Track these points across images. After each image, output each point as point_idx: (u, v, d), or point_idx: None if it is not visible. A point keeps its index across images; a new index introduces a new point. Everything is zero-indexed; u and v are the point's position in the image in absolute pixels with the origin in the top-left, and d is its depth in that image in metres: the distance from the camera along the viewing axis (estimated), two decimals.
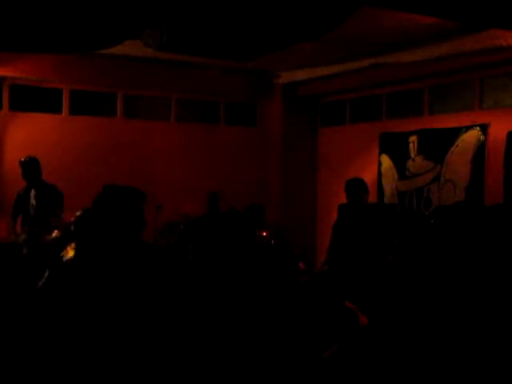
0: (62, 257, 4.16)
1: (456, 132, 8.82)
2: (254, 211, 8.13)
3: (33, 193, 7.76)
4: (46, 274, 3.99)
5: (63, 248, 4.28)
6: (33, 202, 7.75)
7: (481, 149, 8.51)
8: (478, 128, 8.57)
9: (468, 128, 8.70)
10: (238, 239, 4.14)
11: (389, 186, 9.83)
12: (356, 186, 7.18)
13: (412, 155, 9.47)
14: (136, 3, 5.92)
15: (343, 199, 7.39)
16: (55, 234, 7.43)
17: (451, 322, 5.12)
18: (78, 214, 5.35)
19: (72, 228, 5.34)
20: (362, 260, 6.76)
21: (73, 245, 4.37)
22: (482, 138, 8.50)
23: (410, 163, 9.50)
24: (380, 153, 10.01)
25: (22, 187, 7.95)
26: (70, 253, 4.92)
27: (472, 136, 8.63)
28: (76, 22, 6.17)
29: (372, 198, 7.93)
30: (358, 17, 6.53)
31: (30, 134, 9.60)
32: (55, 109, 9.91)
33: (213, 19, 6.30)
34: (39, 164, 7.88)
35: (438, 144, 9.05)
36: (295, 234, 9.53)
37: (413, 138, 9.45)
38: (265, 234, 7.88)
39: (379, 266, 6.54)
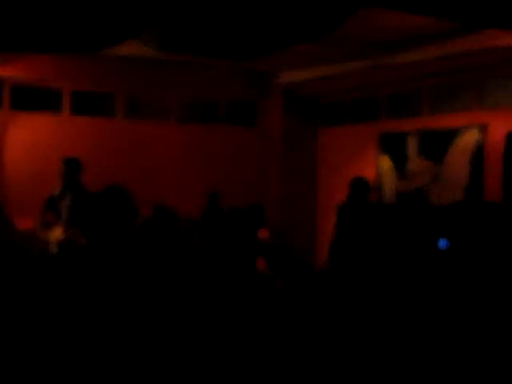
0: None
1: (456, 132, 8.82)
2: (255, 211, 8.12)
3: (70, 194, 7.60)
4: None
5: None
6: (68, 203, 7.59)
7: (480, 149, 8.51)
8: (477, 128, 8.58)
9: (467, 128, 8.70)
10: (238, 238, 4.16)
11: (388, 186, 9.83)
12: (361, 185, 7.18)
13: (412, 155, 9.47)
14: (136, 3, 5.92)
15: (343, 199, 7.39)
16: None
17: (450, 319, 5.13)
18: None
19: None
20: (363, 258, 6.77)
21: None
22: (481, 138, 8.51)
23: (409, 163, 9.50)
24: (379, 153, 10.01)
25: (57, 188, 7.81)
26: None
27: (471, 136, 8.64)
28: (76, 22, 6.18)
29: (372, 197, 7.92)
30: (358, 17, 6.53)
31: (31, 134, 9.60)
32: (55, 109, 9.91)
33: (213, 19, 6.30)
34: (81, 167, 7.63)
35: (437, 144, 9.05)
36: (295, 234, 9.54)
37: (412, 138, 9.45)
38: (265, 234, 7.88)
39: (380, 263, 6.56)
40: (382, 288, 6.40)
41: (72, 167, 7.55)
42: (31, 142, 9.48)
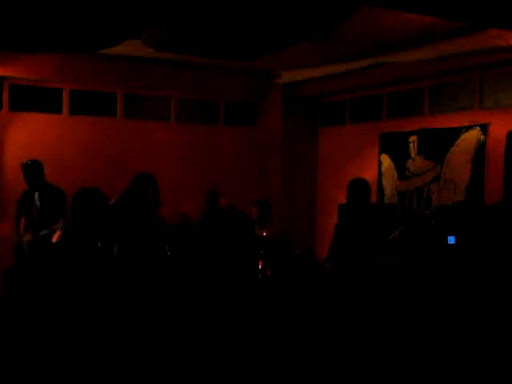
0: None
1: (456, 132, 8.82)
2: (265, 207, 8.12)
3: (37, 195, 7.75)
4: None
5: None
6: (37, 203, 7.75)
7: (481, 149, 8.51)
8: (478, 128, 8.57)
9: (468, 128, 8.70)
10: (238, 237, 4.16)
11: (389, 186, 9.82)
12: (360, 187, 7.17)
13: (412, 155, 9.47)
14: (136, 3, 5.91)
15: (343, 199, 7.39)
16: (57, 235, 7.48)
17: (451, 320, 5.11)
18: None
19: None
20: (363, 259, 6.77)
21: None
22: (482, 137, 8.50)
23: (410, 163, 9.50)
24: (380, 153, 10.01)
25: (25, 189, 7.94)
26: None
27: (472, 136, 8.63)
28: (76, 21, 6.17)
29: (372, 197, 7.92)
30: (358, 17, 6.52)
31: (30, 134, 9.60)
32: (55, 109, 9.90)
33: (213, 19, 6.30)
34: (41, 166, 7.85)
35: (438, 144, 9.05)
36: (295, 234, 9.52)
37: (413, 138, 9.45)
38: (265, 233, 7.88)
39: (378, 264, 6.55)
40: (382, 288, 6.39)
41: (30, 170, 7.73)
42: (31, 142, 9.47)
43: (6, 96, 9.58)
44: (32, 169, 7.78)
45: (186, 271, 5.73)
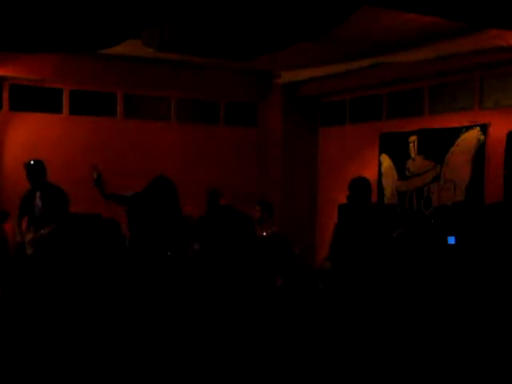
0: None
1: (456, 132, 8.82)
2: (267, 207, 8.13)
3: (38, 194, 7.78)
4: None
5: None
6: (38, 202, 7.78)
7: (481, 149, 8.51)
8: (478, 128, 8.57)
9: (468, 128, 8.70)
10: (238, 237, 4.16)
11: (389, 186, 9.82)
12: (361, 186, 7.18)
13: (412, 155, 9.47)
14: (136, 3, 5.92)
15: (343, 199, 7.39)
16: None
17: (450, 318, 5.12)
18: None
19: None
20: (363, 257, 6.78)
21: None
22: (481, 137, 8.50)
23: (410, 163, 9.50)
24: (380, 153, 10.01)
25: (27, 188, 7.95)
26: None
27: (472, 136, 8.63)
28: (76, 21, 6.17)
29: (372, 197, 7.92)
30: (358, 17, 6.53)
31: (30, 134, 9.60)
32: (55, 109, 9.90)
33: (213, 19, 6.30)
34: (44, 166, 7.88)
35: (438, 144, 9.05)
36: (295, 234, 9.53)
37: (413, 138, 9.45)
38: (265, 233, 7.89)
39: (378, 261, 6.56)
40: (382, 288, 6.39)
41: (34, 170, 7.77)
42: (31, 142, 9.47)
43: (6, 96, 9.59)
44: (35, 168, 7.81)
45: (186, 271, 5.73)
